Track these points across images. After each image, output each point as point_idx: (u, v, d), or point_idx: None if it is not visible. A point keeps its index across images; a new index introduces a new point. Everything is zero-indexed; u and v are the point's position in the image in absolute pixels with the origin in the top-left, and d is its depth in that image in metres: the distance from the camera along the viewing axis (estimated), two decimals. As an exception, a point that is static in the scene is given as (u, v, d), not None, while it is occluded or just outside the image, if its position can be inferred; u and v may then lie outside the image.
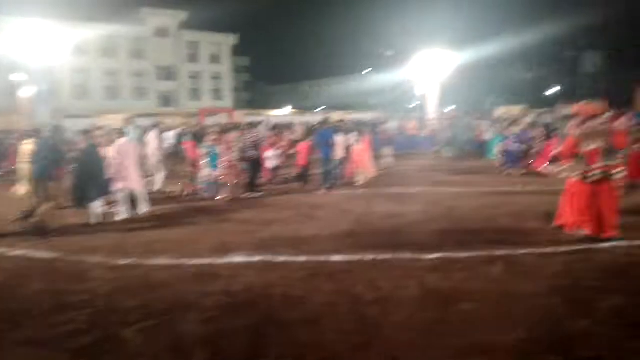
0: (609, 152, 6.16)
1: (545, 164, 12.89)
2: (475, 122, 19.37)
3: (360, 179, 12.67)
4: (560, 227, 6.83)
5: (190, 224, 8.45)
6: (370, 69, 64.16)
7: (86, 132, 10.05)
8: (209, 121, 33.09)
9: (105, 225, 8.47)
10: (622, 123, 13.53)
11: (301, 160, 13.19)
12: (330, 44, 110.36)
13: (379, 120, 25.49)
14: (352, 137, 12.97)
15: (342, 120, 23.11)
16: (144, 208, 9.57)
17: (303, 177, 13.18)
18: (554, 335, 3.68)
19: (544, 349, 3.46)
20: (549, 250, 5.92)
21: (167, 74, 52.33)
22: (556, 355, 3.38)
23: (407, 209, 8.98)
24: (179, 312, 4.43)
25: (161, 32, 51.13)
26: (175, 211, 9.79)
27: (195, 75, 54.06)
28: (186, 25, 52.60)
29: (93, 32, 43.54)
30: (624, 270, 5.13)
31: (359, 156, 12.83)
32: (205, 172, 10.99)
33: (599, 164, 6.14)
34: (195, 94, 54.01)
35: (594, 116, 6.37)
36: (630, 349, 3.42)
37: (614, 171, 6.16)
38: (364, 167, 12.98)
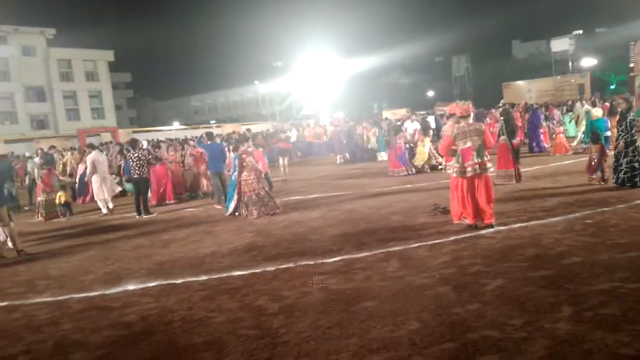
0: (481, 150, 6.70)
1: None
2: (362, 127, 20.08)
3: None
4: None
5: (76, 253, 7.82)
6: (259, 80, 64.28)
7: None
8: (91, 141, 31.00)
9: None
10: (493, 117, 14.83)
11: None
12: (218, 56, 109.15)
13: (279, 130, 25.59)
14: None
15: (233, 132, 22.84)
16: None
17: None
18: (445, 322, 3.89)
19: (437, 337, 3.64)
20: (437, 241, 6.31)
21: (38, 94, 48.04)
22: (448, 342, 3.56)
23: (306, 215, 9.08)
24: (67, 352, 4.05)
25: (28, 51, 46.86)
26: (57, 241, 9.02)
27: (71, 94, 50.23)
28: (56, 43, 48.72)
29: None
30: (505, 252, 5.58)
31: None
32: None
33: (473, 161, 6.66)
34: (73, 114, 50.14)
35: (465, 116, 6.93)
36: (513, 325, 3.72)
37: (486, 166, 6.72)
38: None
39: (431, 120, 20.13)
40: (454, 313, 4.04)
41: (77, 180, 14.41)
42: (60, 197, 11.64)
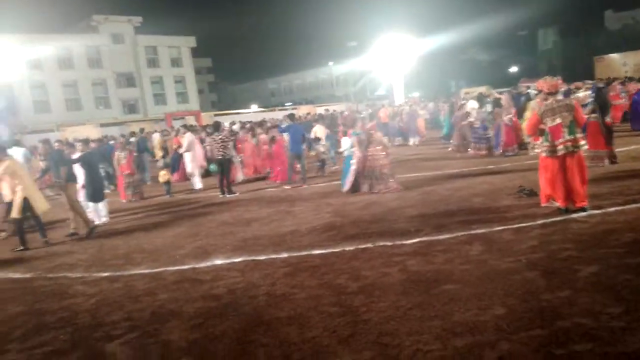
0: (572, 126, 6.26)
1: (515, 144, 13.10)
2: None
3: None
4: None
5: (167, 230, 8.35)
6: (334, 61, 64.19)
7: (86, 141, 9.93)
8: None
9: (81, 238, 8.40)
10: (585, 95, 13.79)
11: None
12: (293, 39, 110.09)
13: (354, 111, 25.52)
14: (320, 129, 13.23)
15: (308, 114, 23.09)
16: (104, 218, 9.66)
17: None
18: (534, 309, 3.74)
19: (525, 323, 3.52)
20: (524, 225, 6.04)
21: (128, 80, 51.22)
22: (538, 328, 3.43)
23: (384, 196, 9.04)
24: (164, 321, 4.37)
25: (117, 39, 49.96)
26: (149, 218, 9.66)
27: (158, 80, 53.09)
28: (142, 30, 51.55)
29: (47, 45, 42.20)
30: (599, 237, 5.24)
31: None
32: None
33: (563, 139, 6.23)
34: (160, 98, 53.06)
35: (554, 92, 6.50)
36: (610, 314, 3.52)
37: (579, 144, 6.27)
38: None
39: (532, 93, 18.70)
40: (543, 299, 3.88)
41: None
42: (164, 175, 12.42)
